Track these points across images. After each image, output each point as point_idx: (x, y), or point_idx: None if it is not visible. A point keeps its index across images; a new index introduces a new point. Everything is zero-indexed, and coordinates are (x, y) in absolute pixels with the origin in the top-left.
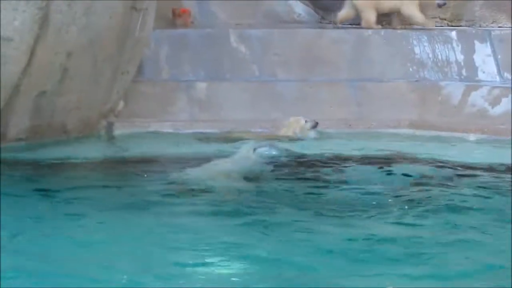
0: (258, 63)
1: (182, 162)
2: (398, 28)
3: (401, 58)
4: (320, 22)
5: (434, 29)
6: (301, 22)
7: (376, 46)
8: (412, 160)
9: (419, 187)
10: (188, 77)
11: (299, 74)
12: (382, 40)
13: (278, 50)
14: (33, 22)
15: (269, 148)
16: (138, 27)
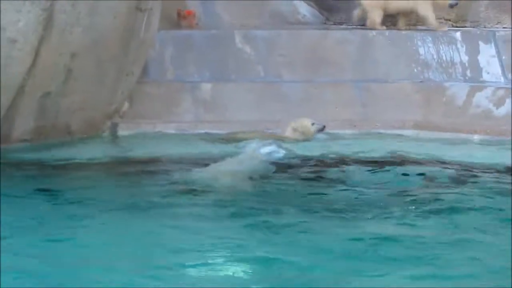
0: (263, 64)
1: (186, 163)
2: (403, 29)
3: (405, 59)
4: (325, 23)
5: (440, 30)
6: (306, 23)
7: (380, 47)
8: (416, 161)
9: (423, 188)
10: (193, 78)
11: (304, 75)
12: (386, 41)
13: (283, 51)
14: (37, 23)
15: (273, 148)
16: (143, 28)
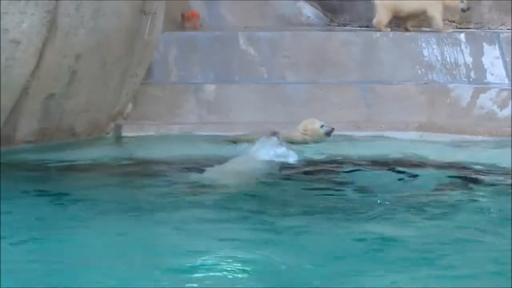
0: (267, 66)
1: (190, 164)
2: (412, 30)
3: (410, 60)
4: (329, 24)
5: (445, 31)
6: (310, 25)
7: (385, 48)
8: (420, 162)
9: (427, 189)
10: (197, 79)
11: (308, 77)
12: (391, 42)
13: (287, 53)
14: (41, 25)
15: (279, 150)
16: (147, 30)
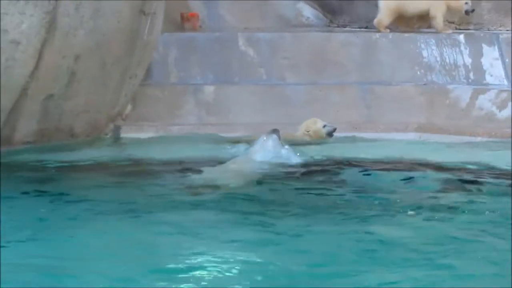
0: (266, 67)
1: (189, 165)
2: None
3: (409, 61)
4: (328, 25)
5: (444, 32)
6: (309, 26)
7: (384, 49)
8: (419, 163)
9: (425, 190)
10: (196, 80)
11: (308, 78)
12: (390, 43)
13: (287, 54)
14: (40, 26)
15: (279, 150)
16: (147, 31)
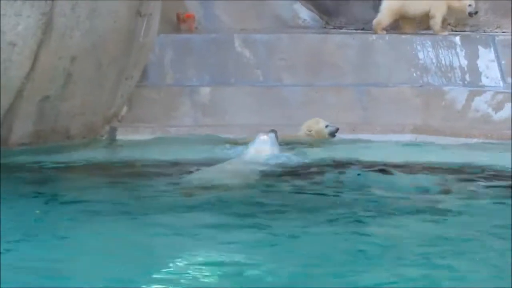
0: (263, 68)
1: (185, 166)
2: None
3: (405, 63)
4: (324, 27)
5: (440, 34)
6: (306, 27)
7: (380, 51)
8: (415, 165)
9: (423, 192)
10: (192, 82)
11: (304, 79)
12: (386, 45)
13: (283, 55)
14: (36, 27)
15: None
16: (143, 32)
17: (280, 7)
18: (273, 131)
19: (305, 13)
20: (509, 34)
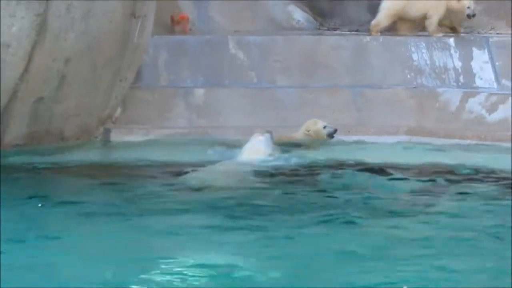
0: (257, 70)
1: (179, 168)
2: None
3: (399, 65)
4: (319, 28)
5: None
6: (300, 29)
7: (375, 52)
8: (410, 166)
9: (418, 193)
10: (186, 83)
11: (298, 81)
12: (380, 46)
13: (277, 57)
14: (31, 28)
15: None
16: (137, 33)
17: (274, 9)
18: (268, 132)
19: (299, 14)
20: (503, 35)
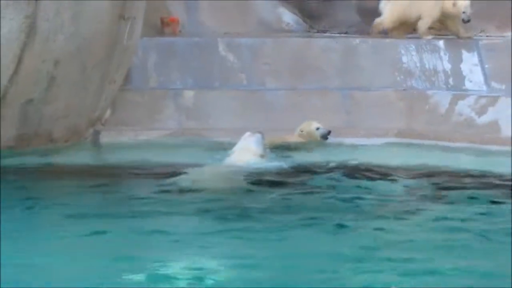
0: (246, 72)
1: (168, 169)
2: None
3: (389, 67)
4: (308, 31)
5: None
6: (289, 31)
7: (364, 54)
8: (399, 168)
9: (407, 195)
10: (176, 85)
11: (288, 83)
12: (370, 48)
13: (267, 59)
14: (20, 30)
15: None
16: (126, 35)
17: (264, 11)
18: (259, 132)
19: (288, 16)
20: (492, 38)
